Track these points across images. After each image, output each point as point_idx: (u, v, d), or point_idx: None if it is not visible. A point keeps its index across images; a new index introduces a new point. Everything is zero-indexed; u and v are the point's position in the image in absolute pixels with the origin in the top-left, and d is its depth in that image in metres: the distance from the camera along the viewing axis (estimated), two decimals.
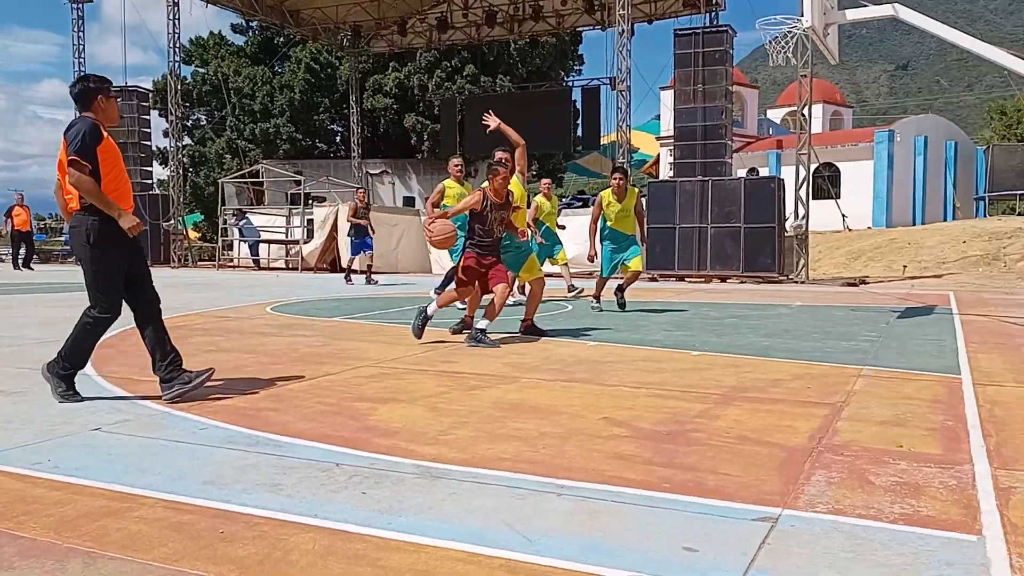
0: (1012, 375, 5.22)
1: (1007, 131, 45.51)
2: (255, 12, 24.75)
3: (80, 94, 4.42)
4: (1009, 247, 21.29)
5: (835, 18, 8.40)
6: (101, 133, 4.32)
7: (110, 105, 4.51)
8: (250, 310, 9.97)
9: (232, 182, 26.59)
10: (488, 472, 3.09)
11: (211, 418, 4.01)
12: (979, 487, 2.86)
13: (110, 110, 4.51)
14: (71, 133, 4.28)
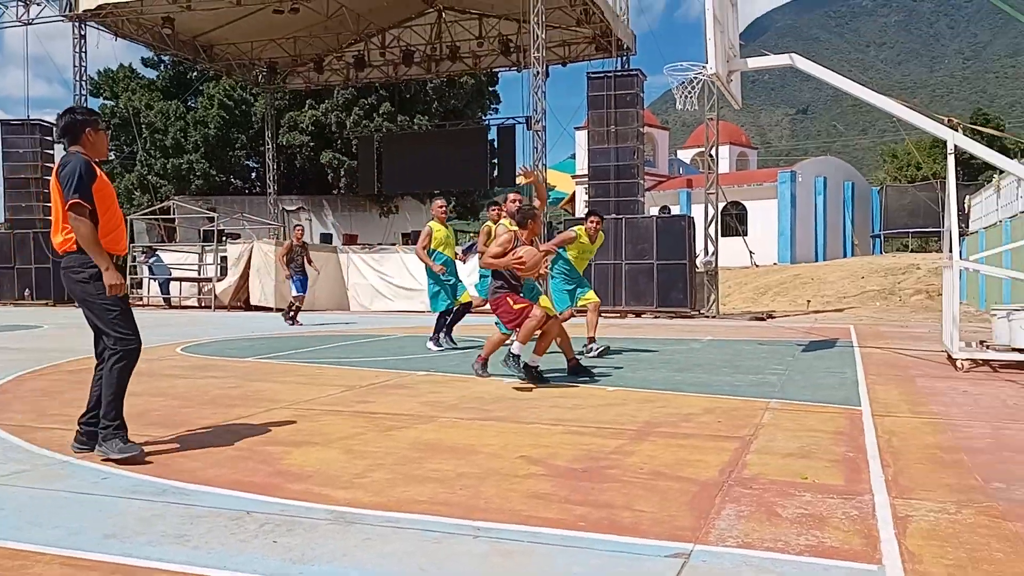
0: (907, 406, 5.48)
1: (899, 173, 48.15)
2: (167, 46, 24.28)
3: (68, 127, 4.22)
4: (903, 282, 22.41)
5: (737, 66, 8.78)
6: (95, 170, 4.14)
7: (99, 138, 4.30)
8: (160, 351, 9.64)
9: (142, 219, 25.81)
10: (404, 516, 3.07)
11: (115, 467, 3.86)
12: (879, 517, 2.99)
13: (99, 143, 4.31)
14: (66, 173, 4.06)
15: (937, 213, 30.28)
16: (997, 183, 17.50)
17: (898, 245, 39.39)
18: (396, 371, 7.52)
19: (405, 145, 28.71)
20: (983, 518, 2.97)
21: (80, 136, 4.21)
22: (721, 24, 8.29)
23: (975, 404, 5.54)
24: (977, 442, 4.30)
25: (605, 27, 21.76)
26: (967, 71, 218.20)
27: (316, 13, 23.04)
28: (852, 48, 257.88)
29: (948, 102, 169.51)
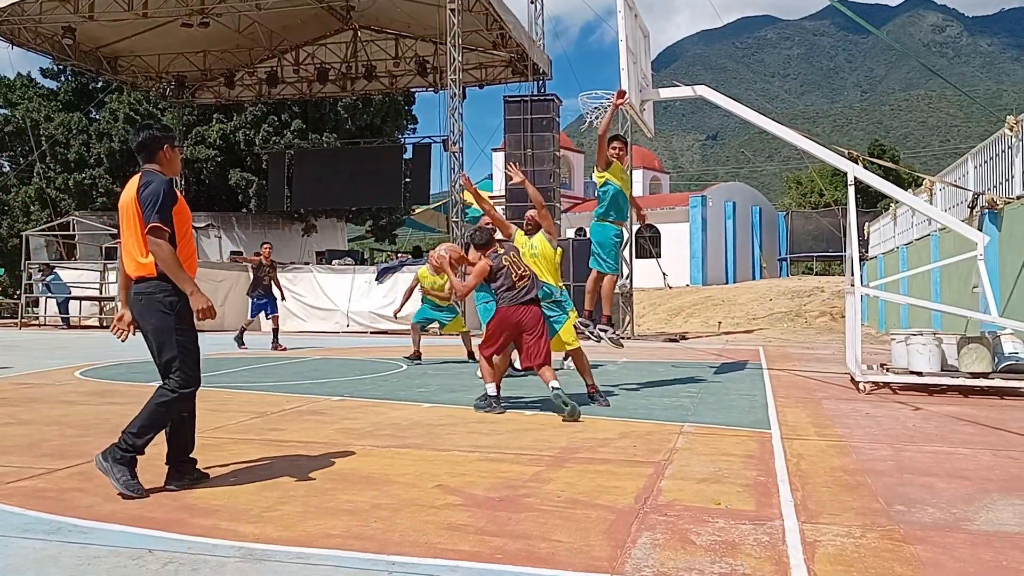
0: (814, 428, 5.65)
1: (803, 199, 50.18)
2: (68, 56, 23.33)
3: (146, 144, 4.00)
4: (808, 304, 23.28)
5: (650, 95, 9.00)
6: (176, 193, 3.91)
7: (175, 155, 4.10)
8: (56, 375, 9.18)
9: (39, 235, 24.62)
10: (315, 551, 2.97)
11: (4, 503, 3.62)
12: (788, 542, 3.06)
13: (175, 161, 4.11)
14: (148, 193, 3.82)
15: (839, 238, 31.62)
16: (894, 211, 18.38)
17: (803, 268, 40.96)
18: (309, 396, 7.35)
19: (317, 162, 28.24)
20: (886, 542, 3.07)
21: (157, 153, 4.04)
22: (634, 55, 8.48)
23: (877, 426, 5.76)
24: (879, 464, 4.46)
25: (521, 51, 22.02)
26: (864, 103, 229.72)
27: (227, 28, 22.56)
28: (758, 78, 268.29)
29: (848, 132, 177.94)
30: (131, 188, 3.96)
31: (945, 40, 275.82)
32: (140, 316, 3.93)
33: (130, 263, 3.95)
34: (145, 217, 3.84)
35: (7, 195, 33.31)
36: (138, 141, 4.05)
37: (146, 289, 3.90)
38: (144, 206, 3.85)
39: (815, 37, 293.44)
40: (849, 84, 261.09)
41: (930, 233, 13.71)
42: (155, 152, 4.04)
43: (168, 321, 3.88)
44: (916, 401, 7.04)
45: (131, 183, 3.99)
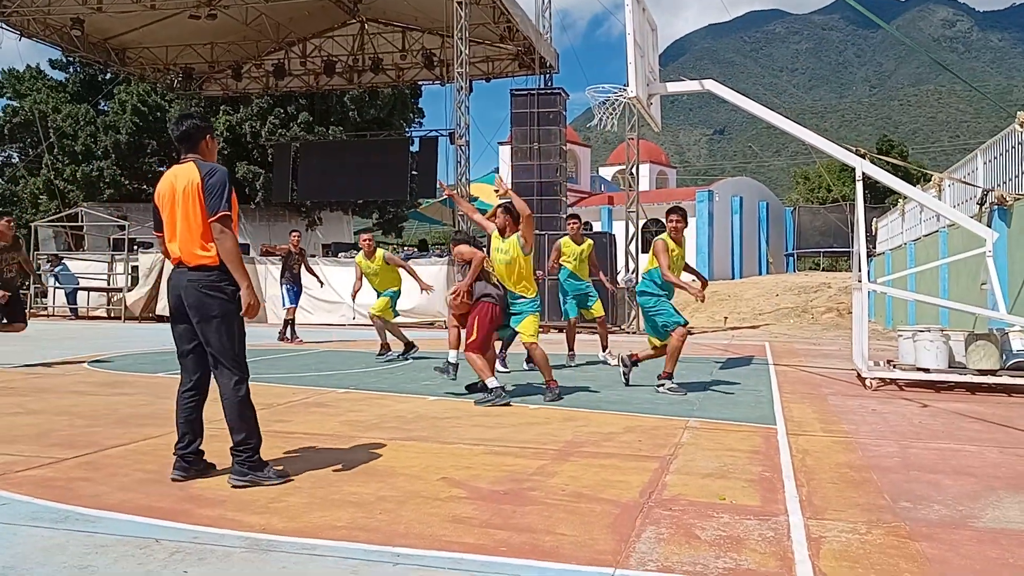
0: (820, 424, 5.65)
1: (810, 194, 50.01)
2: (76, 48, 23.34)
3: (189, 133, 4.02)
4: (815, 300, 23.21)
5: (657, 89, 8.97)
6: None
7: (214, 146, 4.14)
8: (65, 365, 9.22)
9: (48, 225, 24.69)
10: (321, 542, 2.99)
11: (13, 492, 3.65)
12: (793, 538, 3.06)
13: (214, 151, 4.13)
14: (213, 183, 3.87)
15: (847, 234, 31.50)
16: (902, 207, 18.30)
17: (810, 264, 40.82)
18: (315, 388, 7.37)
19: (323, 154, 28.19)
20: (891, 538, 3.07)
21: (200, 143, 4.06)
22: (641, 49, 8.46)
23: (883, 422, 5.74)
24: (885, 461, 4.46)
25: (528, 45, 21.95)
26: (873, 98, 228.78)
27: (235, 20, 22.52)
28: (766, 72, 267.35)
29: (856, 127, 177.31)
30: (190, 175, 3.94)
31: (955, 35, 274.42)
32: (198, 303, 3.91)
33: (188, 251, 3.93)
34: (212, 206, 3.88)
35: (16, 186, 33.42)
36: (181, 131, 4.05)
37: (208, 277, 3.91)
38: (211, 195, 3.89)
39: (824, 31, 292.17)
40: (858, 79, 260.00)
41: (938, 229, 13.65)
42: (198, 142, 4.07)
43: (231, 309, 3.93)
44: (923, 398, 7.02)
45: (184, 170, 3.97)
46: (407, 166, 27.14)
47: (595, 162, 49.17)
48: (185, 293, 3.93)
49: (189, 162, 4.00)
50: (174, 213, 3.96)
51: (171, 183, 3.98)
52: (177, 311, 4.00)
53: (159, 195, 4.03)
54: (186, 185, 3.92)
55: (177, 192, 3.95)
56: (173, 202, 3.96)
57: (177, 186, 3.95)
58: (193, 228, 3.91)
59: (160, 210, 4.04)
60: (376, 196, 30.47)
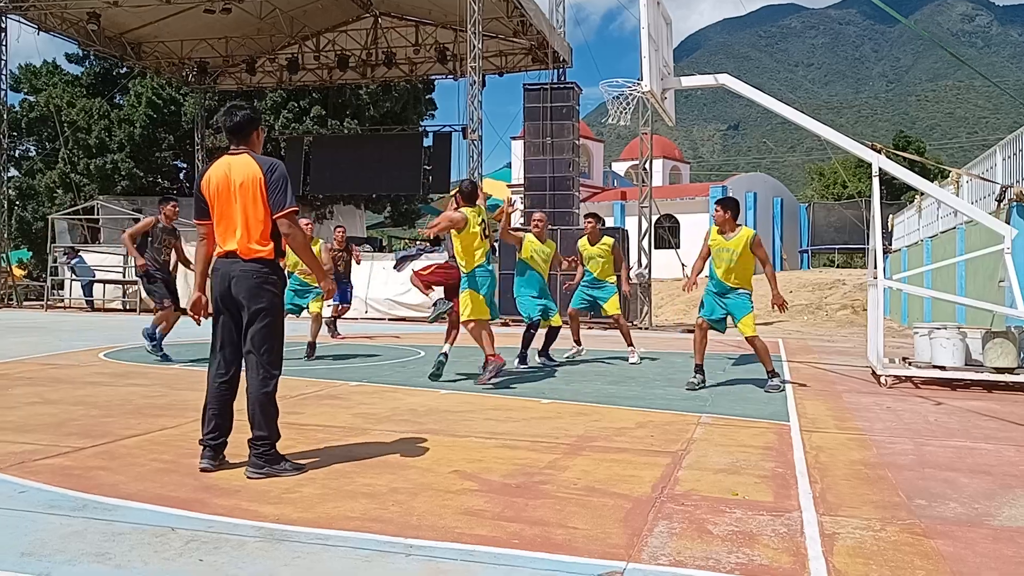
0: (834, 421, 5.62)
1: (825, 191, 49.73)
2: (92, 42, 23.49)
3: (243, 124, 4.01)
4: (830, 297, 23.09)
5: (671, 84, 8.94)
6: None
7: (261, 138, 4.16)
8: (81, 356, 9.29)
9: (64, 218, 24.87)
10: (334, 533, 3.00)
11: (32, 480, 3.69)
12: (807, 534, 3.05)
13: (261, 142, 4.16)
14: (277, 178, 3.92)
15: (862, 230, 31.31)
16: (919, 204, 18.18)
17: (825, 260, 40.62)
18: (328, 381, 7.40)
19: (336, 148, 28.28)
20: (906, 535, 3.06)
21: (251, 134, 4.06)
22: (656, 43, 8.43)
23: (898, 420, 5.71)
24: (900, 458, 4.43)
25: (541, 39, 21.92)
26: (890, 93, 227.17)
27: (249, 14, 22.60)
28: (781, 67, 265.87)
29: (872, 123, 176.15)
30: (249, 169, 3.93)
31: (975, 29, 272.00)
32: (250, 293, 3.91)
33: (245, 244, 3.93)
34: (279, 202, 3.91)
35: (32, 179, 33.67)
36: (235, 122, 4.03)
37: (261, 270, 3.94)
38: (275, 190, 3.91)
39: (840, 26, 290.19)
40: (875, 74, 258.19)
41: (956, 226, 13.55)
42: (249, 133, 4.07)
43: (278, 302, 4.00)
44: (939, 396, 6.98)
45: (241, 163, 3.96)
46: (420, 161, 27.18)
47: (608, 157, 49.06)
48: (236, 282, 3.92)
49: (243, 154, 3.99)
50: (230, 205, 3.93)
51: (226, 174, 3.95)
52: (223, 301, 3.99)
53: (213, 185, 3.96)
54: (244, 179, 3.91)
55: (234, 184, 3.92)
56: (230, 194, 3.93)
57: (234, 178, 3.93)
58: (253, 222, 3.91)
59: (210, 200, 3.98)
60: (389, 191, 30.54)
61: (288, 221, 3.93)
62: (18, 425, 5.04)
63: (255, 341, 3.96)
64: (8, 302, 21.60)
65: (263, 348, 3.97)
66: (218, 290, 3.97)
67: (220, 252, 3.99)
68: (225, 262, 3.96)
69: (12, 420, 5.21)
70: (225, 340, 4.04)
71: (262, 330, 3.96)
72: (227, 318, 4.01)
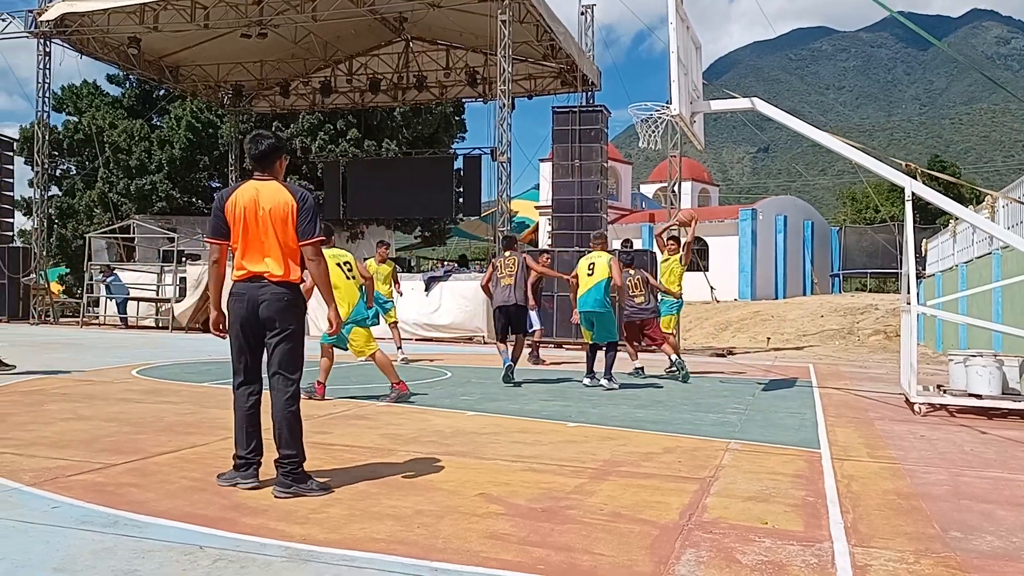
0: (867, 449, 5.53)
1: (857, 215, 49.25)
2: (133, 66, 24.01)
3: (266, 153, 4.13)
4: (862, 322, 22.79)
5: (700, 107, 8.93)
6: None
7: (284, 165, 4.29)
8: (114, 373, 9.43)
9: (101, 237, 25.34)
10: (360, 554, 3.01)
11: (65, 495, 3.74)
12: (838, 565, 3.00)
13: (283, 170, 4.28)
14: (308, 207, 4.05)
15: (894, 255, 30.93)
16: (953, 228, 17.93)
17: (857, 285, 40.16)
18: (355, 401, 7.44)
19: (371, 171, 28.61)
20: (941, 569, 2.99)
21: (276, 162, 4.18)
22: (685, 66, 8.43)
23: (933, 449, 5.61)
24: (935, 489, 4.35)
25: (571, 63, 22.03)
26: (923, 116, 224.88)
27: (284, 39, 22.98)
28: (812, 90, 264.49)
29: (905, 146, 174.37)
30: (280, 196, 4.04)
31: (1010, 52, 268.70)
32: (279, 315, 4.01)
33: (273, 267, 4.02)
34: (308, 231, 4.03)
35: (72, 198, 34.34)
36: (260, 150, 4.13)
37: (290, 293, 4.05)
38: (305, 219, 4.03)
39: (872, 49, 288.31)
40: (907, 97, 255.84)
41: (991, 251, 13.34)
42: (274, 161, 4.17)
43: (302, 326, 4.13)
44: (975, 425, 6.84)
45: (270, 189, 4.07)
46: (452, 183, 27.39)
47: (636, 179, 49.01)
48: (267, 304, 4.00)
49: (271, 181, 4.11)
50: (257, 229, 4.02)
51: (254, 199, 4.04)
52: (248, 323, 4.05)
53: (240, 208, 4.03)
54: (275, 206, 4.02)
55: (263, 209, 4.02)
56: (256, 218, 4.02)
57: (263, 203, 4.02)
58: (282, 247, 4.02)
59: (233, 222, 4.05)
60: (421, 214, 30.80)
61: (314, 249, 4.06)
62: (53, 441, 5.11)
63: (283, 362, 4.03)
64: (45, 318, 21.98)
65: (288, 368, 4.05)
66: (242, 313, 4.03)
67: (243, 275, 4.06)
68: (250, 285, 4.03)
69: (47, 436, 5.29)
70: (250, 363, 4.12)
71: (291, 351, 4.04)
72: (250, 341, 4.08)
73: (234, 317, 4.07)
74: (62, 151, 34.25)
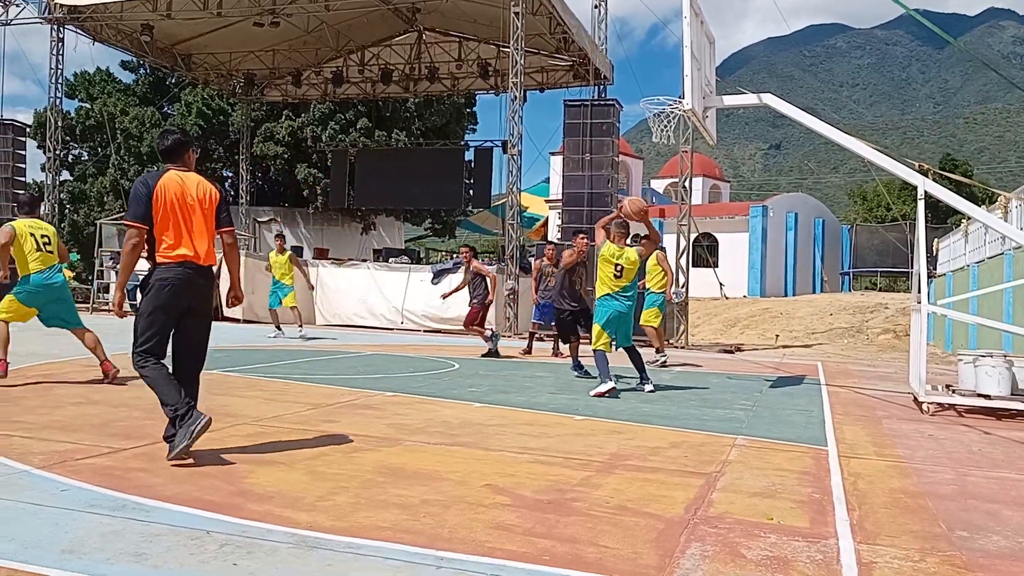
0: (874, 448, 5.52)
1: (868, 213, 49.02)
2: (145, 53, 24.06)
3: (172, 148, 4.49)
4: (871, 321, 22.71)
5: (713, 103, 8.89)
6: None
7: (193, 158, 4.60)
8: (124, 359, 9.44)
9: (112, 223, 25.46)
10: (366, 542, 3.02)
11: (74, 479, 3.77)
12: (843, 562, 2.99)
13: (193, 162, 4.60)
14: (223, 197, 4.57)
15: (906, 254, 30.78)
16: (965, 228, 17.83)
17: (867, 283, 40.00)
18: (363, 390, 7.45)
19: (380, 161, 28.58)
20: (947, 567, 2.99)
21: (184, 155, 4.52)
22: (698, 61, 8.40)
23: (940, 449, 5.59)
24: (942, 488, 4.34)
25: (583, 56, 21.96)
26: (937, 115, 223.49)
27: (296, 28, 22.99)
28: (825, 87, 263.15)
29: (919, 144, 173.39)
30: (204, 186, 4.47)
31: None
32: (200, 298, 4.42)
33: (207, 252, 4.41)
34: (227, 219, 4.55)
35: (84, 184, 34.49)
36: (167, 145, 4.50)
37: (213, 278, 4.47)
38: (225, 209, 4.52)
39: (887, 47, 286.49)
40: (922, 96, 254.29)
41: (1003, 252, 13.26)
42: (182, 154, 4.51)
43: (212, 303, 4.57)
44: (983, 425, 6.81)
45: (194, 180, 4.45)
46: (462, 175, 27.36)
47: (647, 174, 48.90)
48: (202, 288, 4.41)
49: (190, 172, 4.49)
50: (187, 216, 4.37)
51: (181, 187, 4.37)
52: (177, 305, 4.35)
53: (169, 196, 4.33)
54: (203, 195, 4.43)
55: (190, 197, 4.38)
56: (185, 206, 4.36)
57: (190, 192, 4.39)
58: (209, 234, 4.42)
59: (161, 209, 4.32)
60: (431, 204, 30.79)
61: (233, 236, 4.61)
62: (63, 424, 5.15)
63: (202, 343, 4.50)
64: None
65: (205, 346, 4.53)
66: (175, 294, 4.31)
67: (172, 258, 4.32)
68: (181, 269, 4.32)
69: (58, 419, 5.33)
70: (166, 342, 4.44)
71: (206, 329, 4.52)
72: (173, 321, 4.39)
73: (166, 298, 4.32)
74: (74, 136, 34.40)
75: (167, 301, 4.31)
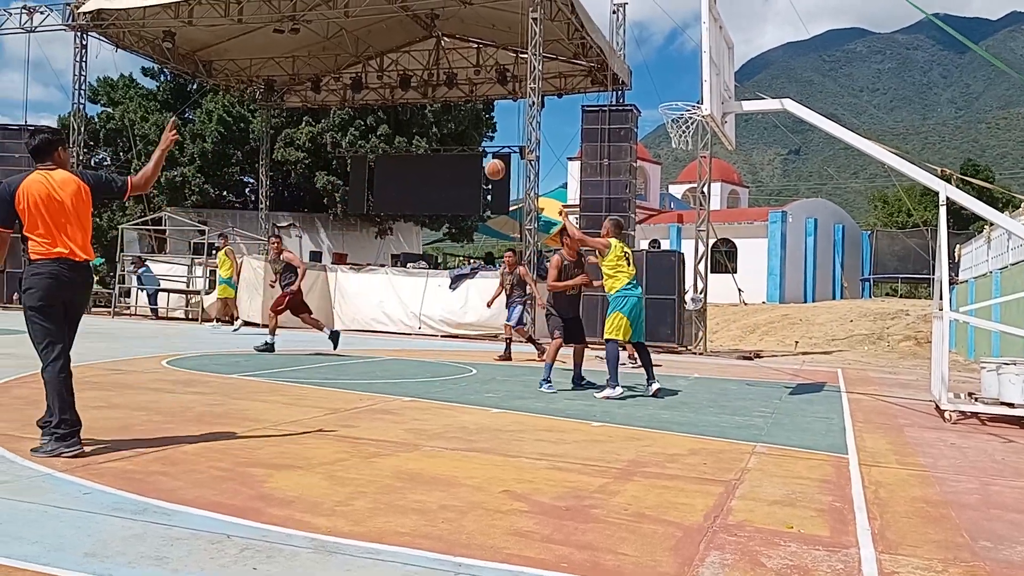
0: (895, 456, 5.47)
1: (888, 219, 48.63)
2: (167, 60, 24.30)
3: (40, 147, 4.55)
4: (892, 327, 22.51)
5: (732, 108, 8.87)
6: None
7: (66, 155, 4.67)
8: (145, 363, 9.56)
9: (133, 228, 25.69)
10: (385, 547, 3.03)
11: (97, 482, 3.80)
12: (864, 572, 2.97)
13: (67, 159, 4.68)
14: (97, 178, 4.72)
15: (927, 260, 30.49)
16: (988, 234, 17.65)
17: (887, 290, 39.66)
18: (382, 395, 7.47)
19: (399, 167, 28.72)
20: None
21: (55, 153, 4.58)
22: (717, 66, 8.38)
23: (963, 457, 5.53)
24: (965, 497, 4.29)
25: (601, 61, 21.95)
26: (959, 120, 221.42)
27: (316, 34, 23.13)
28: (845, 92, 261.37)
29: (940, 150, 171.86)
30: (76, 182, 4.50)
31: None
32: (83, 294, 4.62)
33: (86, 248, 4.55)
34: (111, 187, 4.75)
35: None
36: (35, 144, 4.57)
37: (86, 272, 4.59)
38: (106, 185, 4.71)
39: (908, 51, 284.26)
40: (943, 100, 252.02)
41: None
42: (52, 152, 4.57)
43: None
44: (1007, 434, 6.73)
45: (63, 178, 4.49)
46: (480, 181, 27.42)
47: (665, 179, 48.78)
48: (85, 284, 4.59)
49: (58, 170, 4.51)
50: (63, 214, 4.42)
51: (47, 187, 4.42)
52: (58, 300, 4.43)
53: (34, 196, 4.39)
54: (75, 191, 4.48)
55: (63, 196, 4.43)
56: (52, 204, 4.41)
57: (61, 191, 4.43)
58: (83, 228, 4.53)
59: (26, 211, 4.38)
60: (449, 210, 30.86)
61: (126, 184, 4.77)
62: (85, 428, 5.18)
63: (73, 333, 4.57)
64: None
65: (76, 325, 4.60)
66: (56, 289, 4.40)
67: (48, 254, 4.39)
68: (61, 266, 4.40)
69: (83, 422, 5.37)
70: (65, 338, 4.49)
71: (78, 323, 4.61)
72: (62, 316, 4.46)
73: (49, 295, 4.39)
74: (97, 141, 34.77)
75: (48, 298, 4.40)
